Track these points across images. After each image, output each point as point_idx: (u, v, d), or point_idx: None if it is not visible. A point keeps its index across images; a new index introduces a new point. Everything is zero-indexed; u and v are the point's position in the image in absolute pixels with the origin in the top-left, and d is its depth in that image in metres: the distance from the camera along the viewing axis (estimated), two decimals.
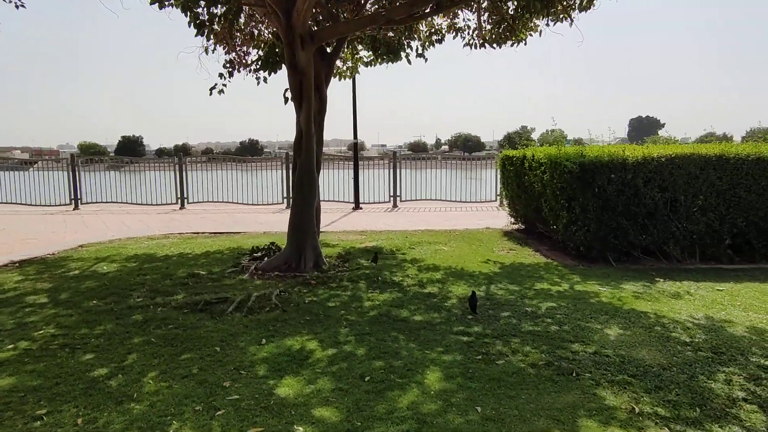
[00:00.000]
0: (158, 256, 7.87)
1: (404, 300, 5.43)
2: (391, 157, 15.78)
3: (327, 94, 7.58)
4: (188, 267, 7.03)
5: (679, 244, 7.48)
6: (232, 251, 8.16)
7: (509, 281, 6.23)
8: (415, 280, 6.25)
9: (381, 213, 13.90)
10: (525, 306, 5.20)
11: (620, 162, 7.26)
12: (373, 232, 10.17)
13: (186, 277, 6.43)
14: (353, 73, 10.37)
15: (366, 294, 5.66)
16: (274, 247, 7.92)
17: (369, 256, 7.72)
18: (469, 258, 7.65)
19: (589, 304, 5.28)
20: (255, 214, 13.56)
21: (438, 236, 9.60)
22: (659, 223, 7.37)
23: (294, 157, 7.35)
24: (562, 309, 5.09)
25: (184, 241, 9.22)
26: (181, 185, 15.14)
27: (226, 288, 5.90)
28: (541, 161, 8.52)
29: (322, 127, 7.53)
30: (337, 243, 8.83)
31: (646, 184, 7.30)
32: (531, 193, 9.22)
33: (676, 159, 7.26)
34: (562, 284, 6.10)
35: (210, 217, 13.07)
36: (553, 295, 5.60)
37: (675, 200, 7.39)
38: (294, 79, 6.97)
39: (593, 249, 7.40)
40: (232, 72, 9.14)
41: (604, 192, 7.29)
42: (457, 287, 5.91)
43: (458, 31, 9.19)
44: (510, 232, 10.19)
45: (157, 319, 4.81)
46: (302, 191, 7.11)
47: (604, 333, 4.45)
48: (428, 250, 8.26)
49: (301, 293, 5.71)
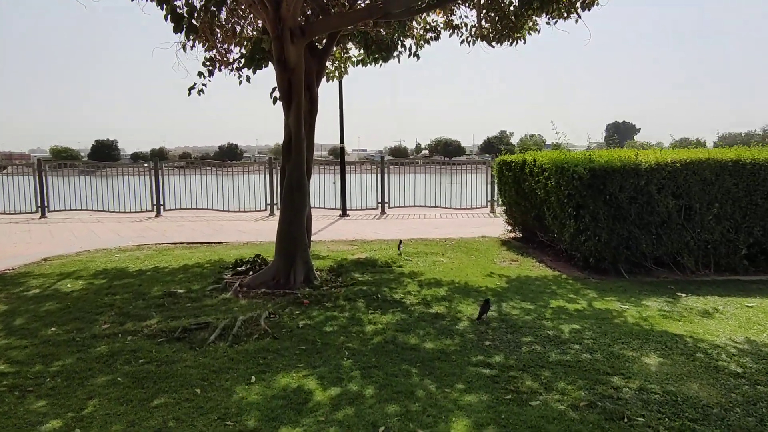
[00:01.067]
0: (130, 271, 7.14)
1: (410, 323, 4.83)
2: (378, 162, 15.20)
3: (318, 94, 6.97)
4: (164, 284, 6.34)
5: (693, 255, 7.04)
6: (213, 265, 7.47)
7: (521, 298, 5.68)
8: (418, 298, 5.66)
9: (369, 220, 13.30)
10: (546, 328, 4.65)
11: (633, 167, 6.80)
12: (363, 242, 9.56)
13: (161, 296, 5.74)
14: (341, 73, 9.78)
15: (366, 315, 5.05)
16: (259, 259, 7.26)
17: (363, 269, 7.11)
18: (471, 271, 7.10)
19: (615, 325, 4.75)
20: (237, 222, 12.83)
21: (433, 246, 9.03)
22: (673, 232, 6.92)
23: (282, 161, 6.72)
24: (587, 332, 4.55)
25: (160, 253, 8.49)
26: (157, 191, 14.32)
27: (208, 310, 5.23)
28: (545, 166, 8.03)
29: (313, 130, 6.91)
30: (327, 254, 8.20)
31: (659, 191, 6.85)
32: (532, 200, 8.73)
33: (691, 164, 6.82)
34: (579, 301, 5.57)
35: (188, 225, 12.30)
36: (573, 315, 5.06)
37: (689, 208, 6.95)
38: (283, 77, 6.35)
39: (604, 260, 6.91)
40: (213, 71, 8.51)
41: (616, 199, 6.81)
42: (465, 306, 5.34)
43: (455, 29, 8.68)
44: (508, 241, 9.68)
45: (126, 352, 4.12)
46: (292, 199, 6.48)
47: (643, 362, 3.92)
48: (426, 261, 7.68)
49: (293, 315, 5.07)
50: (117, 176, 16.28)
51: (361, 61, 9.22)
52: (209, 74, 8.35)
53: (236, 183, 15.28)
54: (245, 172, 16.67)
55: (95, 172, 19.17)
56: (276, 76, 6.44)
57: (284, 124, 6.72)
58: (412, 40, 8.97)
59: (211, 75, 8.39)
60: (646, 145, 18.87)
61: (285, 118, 6.66)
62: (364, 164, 17.81)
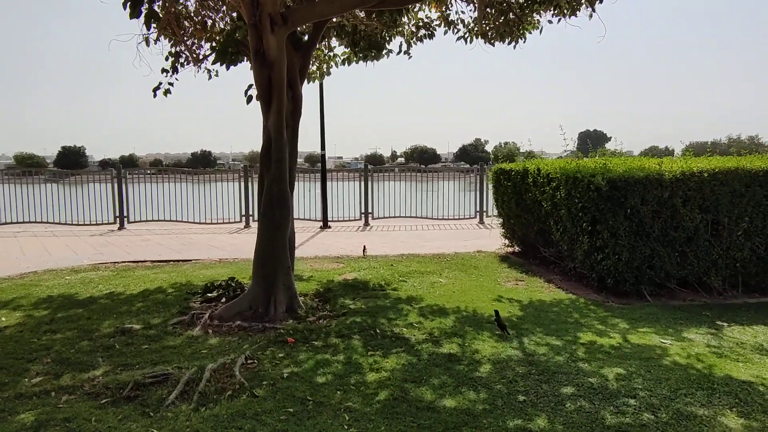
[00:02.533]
0: (80, 298, 6.09)
1: (420, 368, 3.95)
2: (362, 170, 14.32)
3: (302, 94, 6.07)
4: (118, 316, 5.33)
5: (721, 274, 6.35)
6: (179, 289, 6.46)
7: (542, 330, 4.86)
8: (424, 332, 4.79)
9: (353, 233, 12.39)
10: (585, 374, 3.83)
11: (656, 178, 6.08)
12: (350, 259, 8.65)
13: (112, 334, 4.74)
14: (324, 74, 8.89)
15: (365, 358, 4.16)
16: (234, 283, 6.29)
17: (353, 294, 6.21)
18: (476, 294, 6.27)
19: (665, 368, 3.96)
20: (209, 236, 11.77)
21: (427, 263, 8.18)
22: (700, 249, 6.22)
23: (261, 170, 5.79)
24: (637, 379, 3.75)
25: (118, 275, 7.43)
26: (120, 201, 13.15)
27: (169, 353, 4.26)
28: (552, 176, 7.28)
29: (296, 134, 6.00)
30: (311, 275, 7.27)
31: (684, 203, 6.14)
32: (535, 213, 7.97)
33: (720, 174, 6.14)
34: (611, 334, 4.78)
35: (154, 240, 11.20)
36: (611, 354, 4.26)
37: (717, 222, 6.27)
38: (261, 73, 5.44)
39: (625, 281, 6.17)
40: (178, 67, 7.56)
41: (638, 213, 6.08)
42: (482, 343, 4.49)
43: (450, 25, 7.90)
44: (507, 257, 8.90)
45: (58, 422, 3.14)
46: (272, 214, 5.55)
47: (722, 425, 3.12)
48: (423, 283, 6.82)
49: (276, 359, 4.14)
50: (85, 184, 14.93)
51: (346, 60, 8.39)
52: (174, 71, 7.42)
53: (209, 192, 14.21)
54: (219, 180, 15.60)
55: (62, 180, 17.79)
56: (253, 71, 5.53)
57: (263, 128, 5.81)
58: (403, 38, 8.17)
59: (176, 72, 7.47)
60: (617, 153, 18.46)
61: (264, 120, 5.75)
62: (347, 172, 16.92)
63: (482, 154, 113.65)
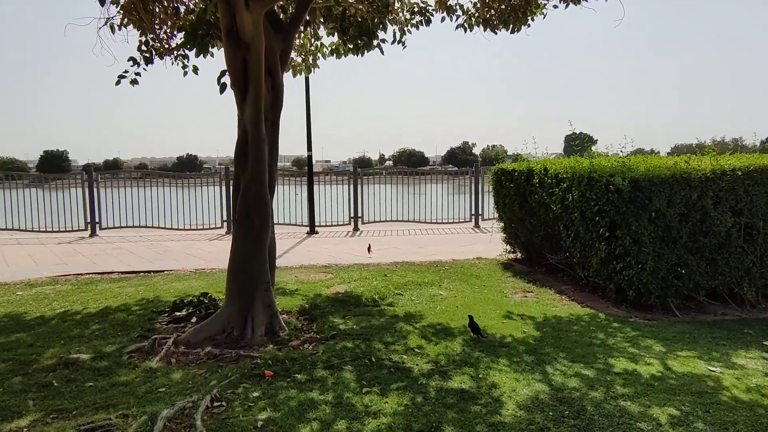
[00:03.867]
0: (27, 319, 5.27)
1: (427, 411, 3.20)
2: (350, 173, 13.56)
3: (283, 83, 5.30)
4: (66, 342, 4.51)
5: (755, 284, 5.70)
6: (145, 307, 5.66)
7: (566, 355, 4.14)
8: (428, 360, 4.05)
9: (342, 238, 11.62)
10: (631, 417, 3.11)
11: (684, 177, 5.41)
12: (339, 268, 7.88)
13: (53, 367, 3.93)
14: (311, 67, 8.12)
15: (360, 397, 3.40)
16: (206, 300, 5.50)
17: (344, 311, 5.46)
18: (482, 310, 5.54)
19: (725, 407, 3.25)
20: (187, 243, 10.93)
21: (424, 273, 7.45)
22: (732, 257, 5.56)
23: (236, 170, 5.02)
24: (696, 423, 3.03)
25: (78, 289, 6.60)
26: (92, 207, 12.25)
27: (118, 393, 3.46)
28: (562, 176, 6.59)
29: (277, 129, 5.23)
30: (296, 288, 6.50)
31: (715, 206, 5.49)
32: (541, 217, 7.28)
33: (755, 173, 5.49)
34: (646, 359, 4.07)
35: (127, 247, 10.33)
36: (654, 387, 3.55)
37: (750, 227, 5.62)
38: (234, 56, 4.68)
39: (650, 294, 5.48)
40: (151, 58, 6.80)
41: (663, 217, 5.41)
42: (500, 375, 3.75)
43: (449, 10, 7.20)
44: (509, 264, 8.20)
45: None
46: (250, 221, 4.78)
47: None
48: (421, 296, 6.09)
49: (249, 401, 3.36)
50: (60, 189, 13.91)
51: (335, 51, 7.64)
52: (146, 62, 6.67)
53: (188, 196, 13.35)
54: (199, 184, 14.75)
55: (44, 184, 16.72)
56: (225, 54, 4.76)
57: (238, 121, 5.04)
58: (397, 26, 7.45)
59: (148, 63, 6.72)
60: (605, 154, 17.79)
61: (239, 112, 4.98)
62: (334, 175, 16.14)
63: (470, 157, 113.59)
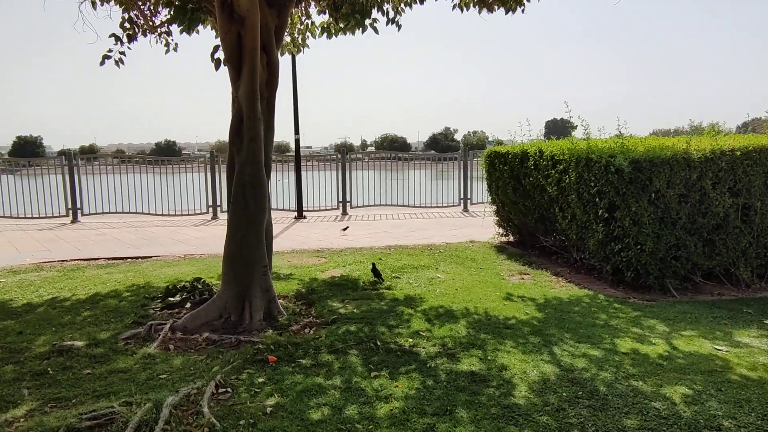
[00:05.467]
0: (14, 306, 5.07)
1: (439, 394, 3.14)
2: (337, 158, 13.38)
3: (278, 59, 5.13)
4: (57, 329, 4.35)
5: (750, 264, 5.75)
6: (136, 293, 5.49)
7: (572, 336, 4.12)
8: (434, 343, 3.98)
9: (331, 223, 11.49)
10: (645, 397, 3.08)
11: (684, 158, 5.40)
12: (332, 252, 7.77)
13: (47, 354, 3.77)
14: (300, 46, 7.92)
15: (369, 382, 3.32)
16: (200, 285, 5.36)
17: (341, 295, 5.36)
18: (482, 291, 5.50)
19: (737, 385, 3.25)
20: (172, 228, 10.70)
21: (419, 256, 7.38)
22: (730, 237, 5.59)
23: (230, 151, 4.86)
24: (710, 401, 3.02)
25: (65, 276, 6.39)
26: (73, 192, 11.90)
27: (117, 380, 3.33)
28: (558, 158, 6.55)
29: (272, 108, 5.06)
30: (290, 272, 6.38)
31: (714, 186, 5.50)
32: (536, 199, 7.25)
33: (754, 153, 5.51)
34: (652, 339, 4.06)
35: (111, 234, 10.07)
36: (664, 366, 3.54)
37: (748, 207, 5.65)
38: (229, 30, 4.50)
39: (648, 275, 5.49)
40: (134, 36, 6.56)
41: (663, 198, 5.40)
42: (508, 356, 3.70)
43: None
44: (503, 247, 8.18)
45: None
46: (245, 204, 4.63)
47: None
48: (419, 279, 6.02)
49: (254, 386, 3.26)
50: (38, 176, 13.45)
51: (326, 30, 7.45)
52: (129, 39, 6.45)
53: (173, 182, 13.05)
54: (184, 171, 14.42)
55: (19, 170, 16.19)
56: (219, 29, 4.57)
57: (232, 100, 4.87)
58: (390, 5, 7.28)
59: (132, 41, 6.49)
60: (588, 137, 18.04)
61: (233, 90, 4.81)
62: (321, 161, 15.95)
63: (452, 143, 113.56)
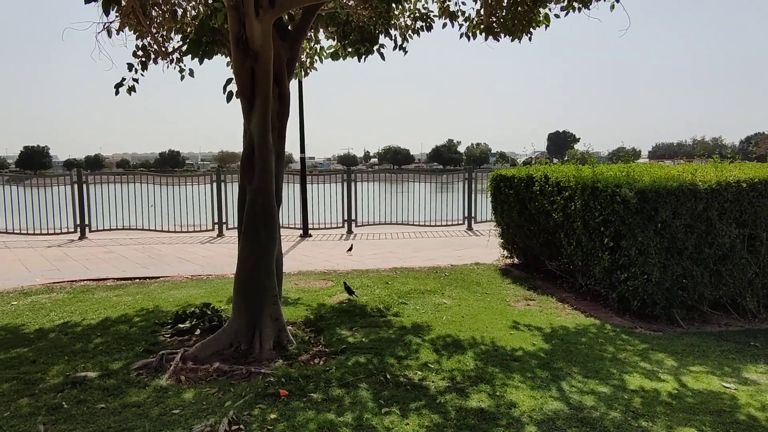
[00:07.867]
0: (26, 331, 5.12)
1: None
2: (342, 172, 13.47)
3: (290, 91, 5.22)
4: (70, 357, 4.40)
5: (757, 295, 5.77)
6: (146, 318, 5.54)
7: (579, 370, 4.14)
8: (443, 376, 4.02)
9: (336, 242, 11.54)
10: None
11: (690, 189, 5.45)
12: (339, 275, 7.82)
13: (61, 386, 3.82)
14: (308, 70, 8.05)
15: (380, 418, 3.35)
16: (209, 311, 5.41)
17: (350, 322, 5.40)
18: (488, 319, 5.53)
19: (745, 426, 3.27)
20: (179, 246, 10.77)
21: (425, 279, 7.42)
22: (736, 267, 5.62)
23: (241, 179, 4.93)
24: None
25: (74, 298, 6.44)
26: (81, 208, 12.01)
27: (131, 415, 3.37)
28: (563, 184, 6.61)
29: (283, 138, 5.15)
30: (298, 296, 6.42)
31: (721, 217, 5.54)
32: (541, 224, 7.29)
33: (759, 185, 5.55)
34: (660, 375, 4.09)
35: (118, 251, 10.15)
36: (673, 406, 3.56)
37: (754, 238, 5.69)
38: (243, 65, 4.59)
39: (655, 305, 5.52)
40: (147, 63, 6.70)
41: (669, 228, 5.44)
42: (516, 392, 3.73)
43: (452, 17, 7.15)
44: (507, 270, 8.21)
45: None
46: (256, 234, 4.69)
47: None
48: (426, 305, 6.06)
49: (267, 423, 3.29)
50: (47, 188, 13.54)
51: (334, 54, 7.56)
52: (142, 67, 6.59)
53: (178, 196, 13.15)
54: (189, 183, 14.51)
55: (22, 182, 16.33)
56: (233, 63, 4.67)
57: (244, 131, 4.96)
58: (398, 31, 7.40)
59: (145, 68, 6.63)
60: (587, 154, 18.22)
61: (245, 122, 4.89)
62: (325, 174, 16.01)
63: (455, 155, 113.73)
